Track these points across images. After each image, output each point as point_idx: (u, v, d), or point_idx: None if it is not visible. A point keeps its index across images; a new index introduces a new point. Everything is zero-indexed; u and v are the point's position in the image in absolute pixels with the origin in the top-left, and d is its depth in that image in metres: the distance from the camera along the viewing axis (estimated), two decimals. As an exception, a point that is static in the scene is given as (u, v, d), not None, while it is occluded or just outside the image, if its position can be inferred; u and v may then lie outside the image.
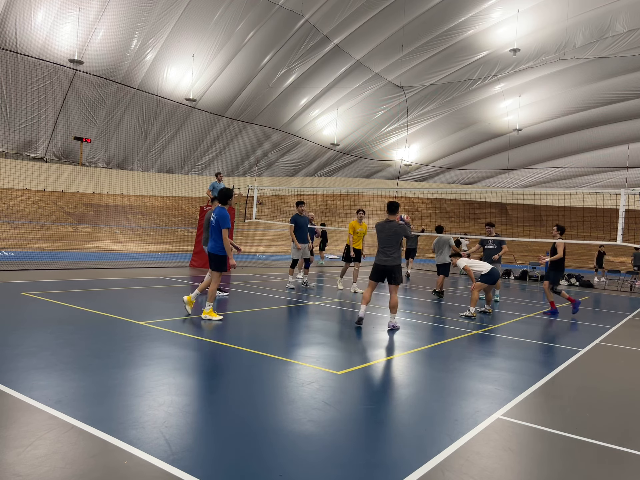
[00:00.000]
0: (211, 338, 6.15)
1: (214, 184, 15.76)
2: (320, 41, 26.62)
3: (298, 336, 6.85)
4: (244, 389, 4.41)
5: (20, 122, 24.18)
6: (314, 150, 36.11)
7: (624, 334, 8.58)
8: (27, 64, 22.37)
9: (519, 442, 3.65)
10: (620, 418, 4.32)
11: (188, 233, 25.34)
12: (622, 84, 29.62)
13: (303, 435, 3.50)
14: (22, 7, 20.36)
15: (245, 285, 11.94)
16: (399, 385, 4.85)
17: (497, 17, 25.88)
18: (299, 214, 11.94)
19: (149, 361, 5.02)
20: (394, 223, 7.67)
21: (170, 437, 3.30)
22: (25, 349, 5.11)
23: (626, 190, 11.35)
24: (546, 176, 38.29)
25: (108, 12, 21.65)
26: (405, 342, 6.87)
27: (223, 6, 23.01)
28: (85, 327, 6.31)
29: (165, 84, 26.30)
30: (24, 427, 3.30)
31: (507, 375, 5.36)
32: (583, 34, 26.02)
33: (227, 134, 31.29)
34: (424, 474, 3.03)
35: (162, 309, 8.02)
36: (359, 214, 11.96)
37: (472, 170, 39.78)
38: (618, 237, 11.26)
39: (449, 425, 3.84)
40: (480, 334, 7.69)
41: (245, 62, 26.71)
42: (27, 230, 19.99)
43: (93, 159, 27.91)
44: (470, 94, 32.75)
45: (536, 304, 12.33)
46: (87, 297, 8.54)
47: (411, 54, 28.51)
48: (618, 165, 34.70)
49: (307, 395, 4.33)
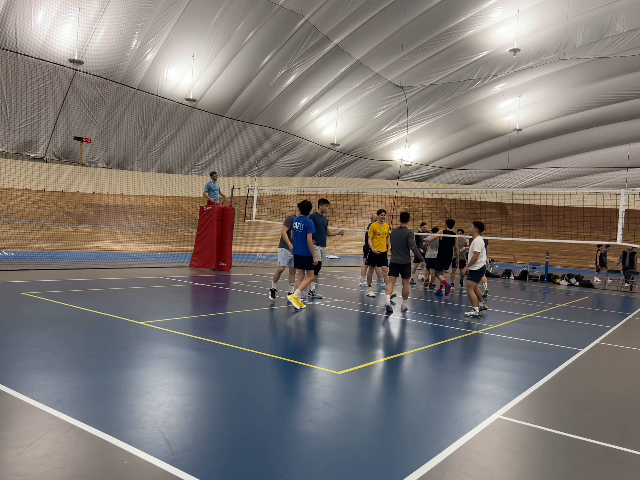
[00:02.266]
0: (211, 338, 6.15)
1: (209, 184, 15.75)
2: (320, 41, 26.61)
3: (298, 336, 6.85)
4: (244, 389, 4.41)
5: (20, 122, 24.17)
6: (314, 150, 36.10)
7: (624, 334, 8.58)
8: (27, 64, 22.36)
9: (519, 442, 3.65)
10: (621, 418, 4.32)
11: (188, 233, 25.34)
12: (622, 84, 29.61)
13: (303, 435, 3.50)
14: (22, 7, 20.35)
15: (245, 285, 11.95)
16: (399, 385, 4.85)
17: (497, 17, 25.86)
18: (319, 213, 10.79)
19: (149, 361, 5.02)
20: (404, 230, 9.42)
21: (170, 437, 3.29)
22: (25, 349, 5.11)
23: (626, 190, 11.36)
24: (546, 176, 38.28)
25: (108, 12, 21.64)
26: (405, 342, 6.87)
27: (223, 6, 23.01)
28: (85, 327, 6.31)
29: (165, 84, 26.30)
30: (24, 427, 3.30)
31: (507, 375, 5.36)
32: (583, 34, 26.01)
33: (227, 134, 31.29)
34: (424, 474, 3.03)
35: (162, 309, 8.02)
36: (380, 215, 11.24)
37: (472, 170, 39.77)
38: (618, 237, 11.27)
39: (449, 425, 3.84)
40: (480, 334, 7.69)
41: (245, 62, 26.70)
42: (27, 230, 19.98)
43: (93, 159, 27.90)
44: (470, 94, 32.74)
45: (536, 304, 12.33)
46: (87, 297, 8.54)
47: (411, 54, 28.49)
48: (618, 165, 34.69)
49: (307, 395, 4.33)
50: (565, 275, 19.50)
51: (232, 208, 15.65)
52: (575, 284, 18.86)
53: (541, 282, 19.39)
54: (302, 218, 9.18)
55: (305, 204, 9.25)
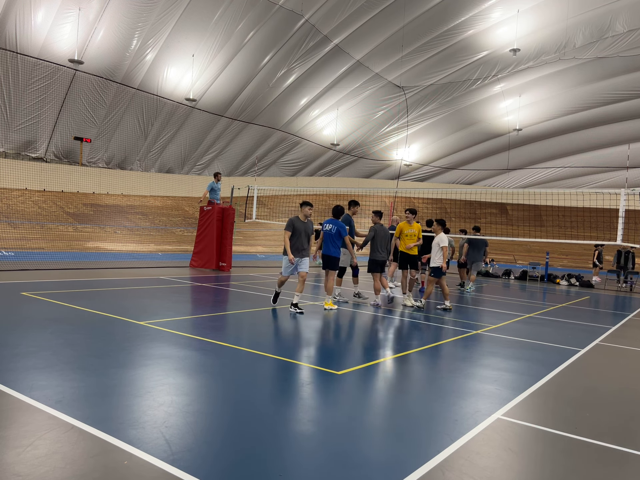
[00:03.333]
0: (211, 338, 6.15)
1: (211, 184, 15.75)
2: (320, 41, 26.61)
3: (298, 336, 6.85)
4: (244, 389, 4.41)
5: (20, 122, 24.17)
6: (314, 150, 36.11)
7: (624, 334, 8.58)
8: (27, 64, 22.36)
9: (519, 442, 3.65)
10: (620, 418, 4.32)
11: (188, 233, 25.34)
12: (622, 84, 29.61)
13: (303, 435, 3.50)
14: (22, 7, 20.34)
15: (245, 285, 11.95)
16: (399, 385, 4.85)
17: (497, 17, 25.86)
18: (350, 215, 10.34)
19: (149, 361, 5.02)
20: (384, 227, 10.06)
21: (170, 437, 3.30)
22: (25, 349, 5.11)
23: (626, 190, 11.37)
24: (546, 176, 38.29)
25: (108, 12, 21.64)
26: (405, 342, 6.87)
27: (223, 6, 23.01)
28: (85, 327, 6.31)
29: (165, 84, 26.30)
30: (24, 427, 3.30)
31: (507, 375, 5.36)
32: (583, 34, 26.00)
33: (227, 134, 31.29)
34: (424, 474, 3.03)
35: (162, 309, 8.02)
36: (407, 214, 10.44)
37: (472, 170, 39.78)
38: (618, 237, 11.28)
39: (449, 425, 3.84)
40: (480, 334, 7.69)
41: (245, 62, 26.70)
42: (27, 230, 19.98)
43: (93, 159, 27.90)
44: (470, 94, 32.74)
45: (536, 304, 12.33)
46: (87, 297, 8.54)
47: (411, 54, 28.49)
48: (618, 165, 34.69)
49: (307, 395, 4.33)
50: (565, 275, 19.50)
51: (232, 208, 15.65)
52: (575, 284, 18.86)
53: (541, 282, 19.39)
54: (333, 220, 9.40)
55: (338, 208, 9.49)
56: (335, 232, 9.27)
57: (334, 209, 9.56)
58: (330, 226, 9.36)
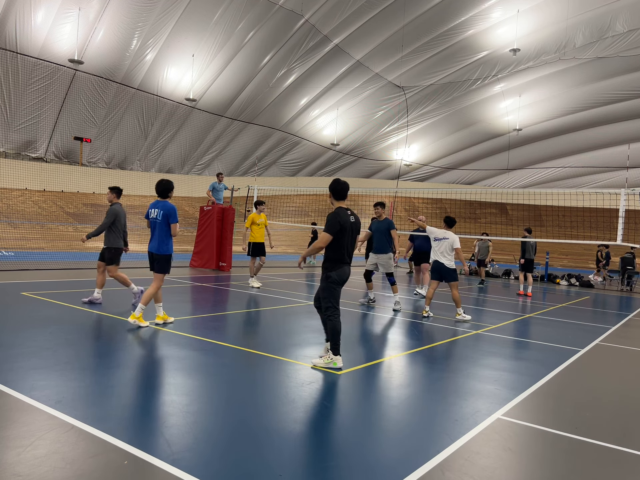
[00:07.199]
0: (211, 338, 6.15)
1: (214, 184, 15.74)
2: (320, 41, 26.61)
3: (298, 336, 6.85)
4: (244, 388, 4.41)
5: (20, 122, 24.18)
6: (314, 150, 36.11)
7: (624, 334, 8.58)
8: (27, 64, 22.36)
9: (519, 442, 3.65)
10: (620, 418, 4.32)
11: (188, 233, 25.33)
12: (622, 84, 29.61)
13: (303, 435, 3.50)
14: (22, 7, 20.35)
15: (246, 286, 11.94)
16: (398, 385, 4.85)
17: (497, 17, 25.87)
18: (377, 217, 9.73)
19: (149, 361, 5.02)
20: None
21: (170, 437, 3.29)
22: (25, 349, 5.11)
23: (626, 190, 11.36)
24: (546, 176, 38.29)
25: (108, 12, 21.65)
26: (405, 342, 6.87)
27: (223, 6, 23.01)
28: (85, 327, 6.31)
29: (165, 84, 26.30)
30: (24, 427, 3.30)
31: (507, 375, 5.36)
32: (583, 34, 26.01)
33: (227, 134, 31.30)
34: (424, 474, 3.03)
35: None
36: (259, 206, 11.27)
37: (472, 170, 39.78)
38: (618, 237, 11.27)
39: (449, 425, 3.84)
40: (480, 334, 7.69)
41: (245, 62, 26.71)
42: (27, 230, 19.98)
43: (93, 159, 27.91)
44: (470, 94, 32.74)
45: (536, 304, 12.33)
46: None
47: (411, 54, 28.50)
48: (618, 165, 34.69)
49: (307, 395, 4.33)
50: (565, 275, 19.49)
51: (232, 208, 15.64)
52: (575, 284, 18.85)
53: (541, 282, 19.38)
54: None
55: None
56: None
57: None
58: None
